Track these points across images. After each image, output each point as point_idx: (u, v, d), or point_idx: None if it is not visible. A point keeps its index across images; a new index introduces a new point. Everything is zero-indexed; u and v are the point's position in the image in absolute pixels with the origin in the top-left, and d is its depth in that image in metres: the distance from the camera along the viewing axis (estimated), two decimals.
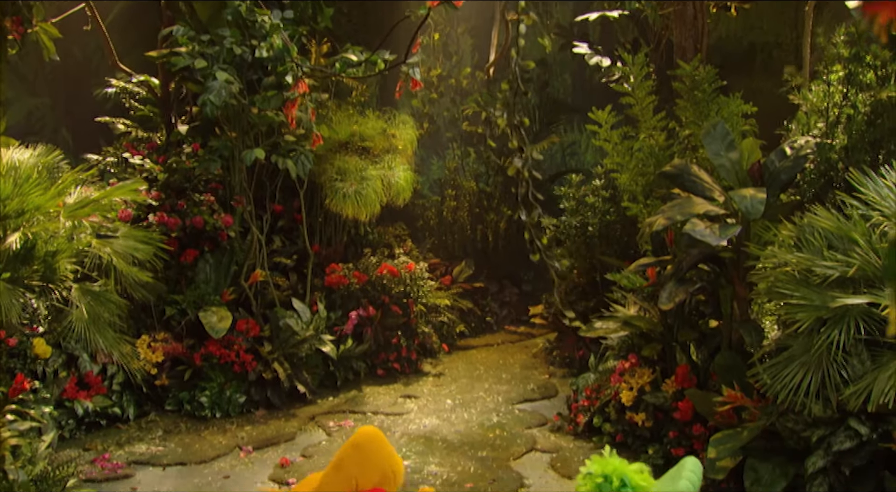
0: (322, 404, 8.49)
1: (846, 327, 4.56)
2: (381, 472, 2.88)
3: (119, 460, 6.79)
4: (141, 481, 6.49)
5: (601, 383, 7.64)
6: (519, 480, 6.59)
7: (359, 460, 2.82)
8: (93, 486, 5.86)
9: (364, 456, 2.84)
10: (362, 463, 2.83)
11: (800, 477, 5.22)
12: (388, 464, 2.94)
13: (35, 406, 5.78)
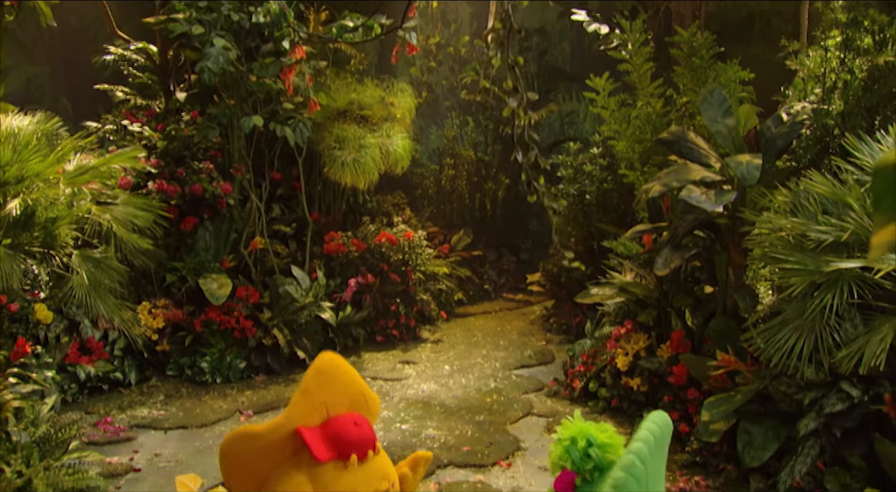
0: None
1: (839, 291, 4.56)
2: (349, 396, 2.81)
3: (121, 424, 6.84)
4: (143, 443, 6.54)
5: (597, 348, 7.68)
6: (515, 443, 6.64)
7: (324, 384, 2.75)
8: (95, 448, 5.90)
9: (329, 380, 2.77)
10: (329, 388, 2.76)
11: (791, 439, 5.25)
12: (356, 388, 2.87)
13: (37, 370, 5.80)
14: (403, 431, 6.86)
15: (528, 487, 5.81)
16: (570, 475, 2.75)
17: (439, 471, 6.10)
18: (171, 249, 8.32)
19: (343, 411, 2.75)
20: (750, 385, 5.54)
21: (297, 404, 2.65)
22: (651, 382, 6.78)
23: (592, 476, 2.68)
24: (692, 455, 6.03)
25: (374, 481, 2.72)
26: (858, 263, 4.38)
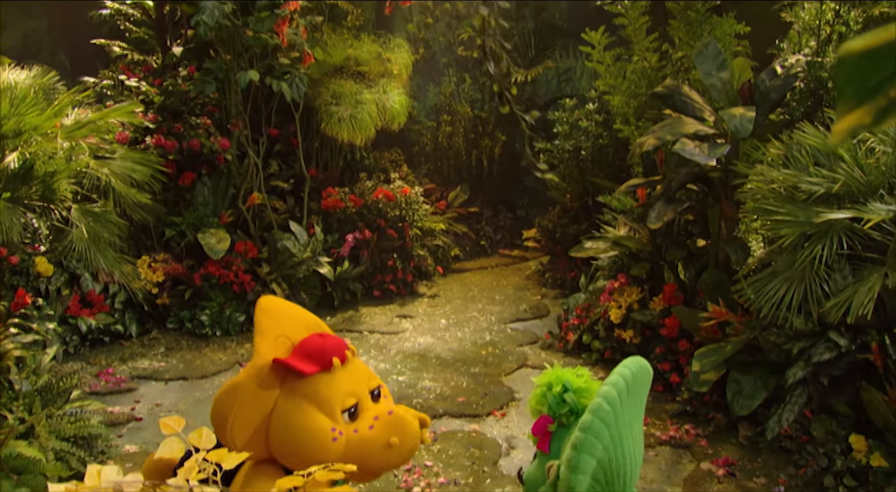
0: None
1: (829, 242, 4.56)
2: (303, 324, 2.84)
3: (122, 375, 6.88)
4: (144, 394, 6.59)
5: (591, 302, 7.70)
6: (510, 394, 6.70)
7: (276, 319, 2.78)
8: (97, 398, 5.95)
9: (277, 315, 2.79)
10: (280, 321, 2.78)
11: (780, 388, 5.30)
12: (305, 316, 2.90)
13: (39, 322, 5.83)
14: (400, 383, 6.92)
15: (522, 436, 5.87)
16: (546, 420, 2.77)
17: (435, 421, 6.16)
18: (169, 204, 8.31)
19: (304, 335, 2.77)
20: (740, 336, 5.58)
21: (260, 343, 2.67)
22: (643, 334, 6.81)
23: (568, 420, 2.69)
24: (682, 405, 6.09)
25: (364, 380, 2.74)
26: (849, 214, 4.38)
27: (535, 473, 2.76)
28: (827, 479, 4.90)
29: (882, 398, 4.74)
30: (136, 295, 7.50)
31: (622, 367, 2.66)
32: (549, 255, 10.38)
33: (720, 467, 5.30)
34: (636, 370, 2.68)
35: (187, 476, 1.70)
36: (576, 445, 2.52)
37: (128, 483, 1.62)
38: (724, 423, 5.81)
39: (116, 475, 1.60)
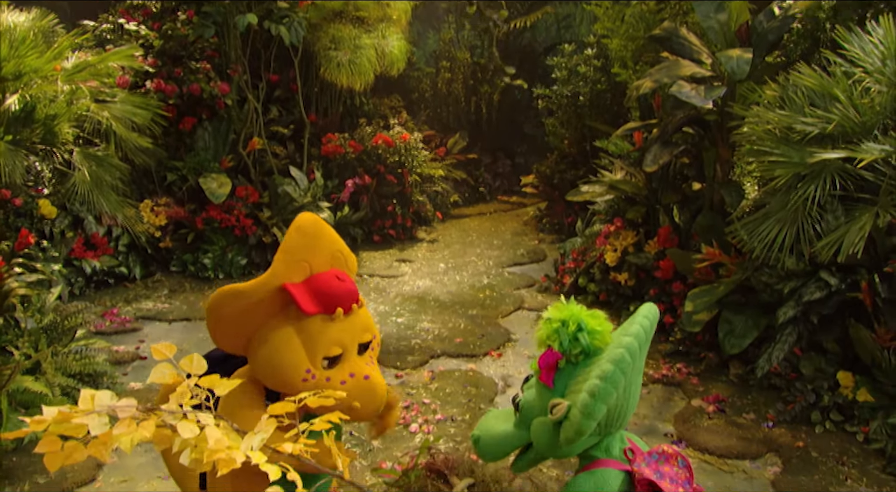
0: None
1: (822, 183, 4.54)
2: (330, 253, 2.82)
3: (127, 316, 6.93)
4: (148, 334, 6.64)
5: (587, 246, 7.72)
6: (506, 335, 6.74)
7: (305, 243, 2.74)
8: (102, 338, 5.99)
9: (310, 239, 2.76)
10: (309, 246, 2.75)
11: (770, 327, 5.33)
12: (335, 245, 2.87)
13: (44, 263, 5.85)
14: (399, 324, 6.96)
15: (518, 375, 5.93)
16: (555, 355, 2.78)
17: (433, 361, 6.22)
18: (170, 149, 8.27)
19: (325, 268, 2.75)
20: (732, 277, 5.60)
21: (280, 261, 2.65)
22: (638, 276, 6.83)
23: (577, 359, 2.70)
24: (675, 345, 6.14)
25: (357, 333, 2.74)
26: (842, 153, 4.35)
27: (534, 402, 2.77)
28: (814, 414, 4.97)
29: (870, 336, 4.77)
30: (140, 238, 7.51)
31: (643, 318, 2.65)
32: (546, 200, 10.36)
33: (710, 403, 5.36)
34: (653, 320, 2.68)
35: (180, 401, 1.72)
36: (594, 393, 2.52)
37: (121, 407, 1.63)
38: (716, 362, 5.86)
39: (110, 400, 1.61)
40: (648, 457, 2.71)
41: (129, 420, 1.60)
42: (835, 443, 4.78)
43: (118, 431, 1.58)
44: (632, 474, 2.70)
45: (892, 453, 4.49)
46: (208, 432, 1.63)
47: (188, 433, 1.62)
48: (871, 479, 4.42)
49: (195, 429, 1.63)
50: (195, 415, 1.67)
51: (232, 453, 1.63)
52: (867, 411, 4.75)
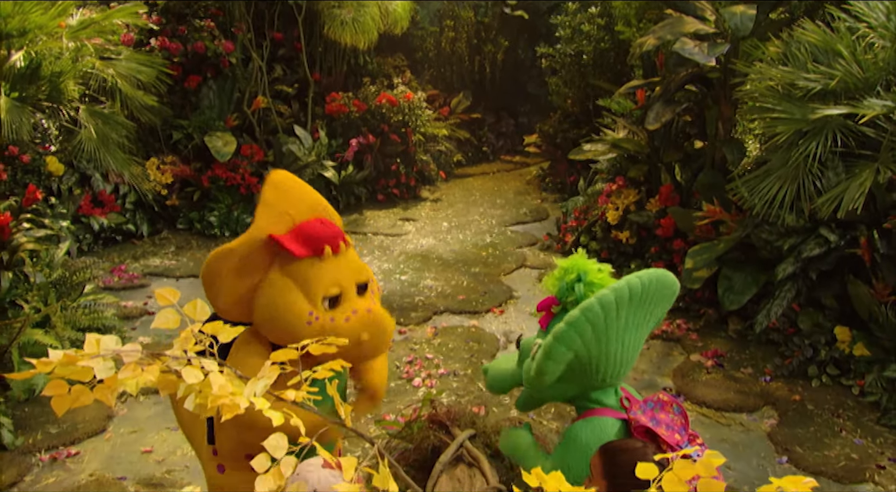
0: None
1: (823, 139, 4.51)
2: (309, 205, 2.82)
3: (135, 272, 6.95)
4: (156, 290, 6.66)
5: (589, 204, 7.70)
6: (508, 292, 6.77)
7: (282, 196, 2.75)
8: (111, 293, 6.02)
9: (286, 191, 2.76)
10: (287, 198, 2.76)
11: (770, 283, 5.34)
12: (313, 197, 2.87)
13: (52, 220, 5.86)
14: (403, 281, 6.98)
15: (519, 330, 5.95)
16: (552, 301, 2.80)
17: (436, 317, 6.25)
18: (176, 108, 8.23)
19: (306, 218, 2.75)
20: (733, 234, 5.59)
21: (262, 215, 2.65)
22: (639, 235, 6.83)
23: (570, 307, 2.70)
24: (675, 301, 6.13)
25: (353, 273, 2.74)
26: (844, 109, 4.32)
27: (532, 344, 2.82)
28: (811, 368, 5.00)
29: (868, 291, 4.78)
30: (146, 196, 7.52)
31: (634, 276, 2.64)
32: (549, 160, 10.32)
33: (709, 358, 5.39)
34: (649, 283, 2.65)
35: (184, 347, 1.73)
36: (556, 335, 2.56)
37: (126, 352, 1.64)
38: (715, 318, 5.89)
39: (115, 344, 1.62)
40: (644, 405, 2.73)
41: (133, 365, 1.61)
42: (830, 396, 4.82)
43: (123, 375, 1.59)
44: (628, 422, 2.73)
45: (886, 405, 4.52)
46: (212, 379, 1.64)
47: (192, 379, 1.63)
48: (865, 430, 4.46)
49: (199, 375, 1.64)
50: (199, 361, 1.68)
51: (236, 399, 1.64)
52: (863, 365, 4.78)
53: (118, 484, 4.01)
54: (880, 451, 4.27)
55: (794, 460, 4.20)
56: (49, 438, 4.38)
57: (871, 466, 4.14)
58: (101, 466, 4.19)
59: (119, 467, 4.16)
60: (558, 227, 8.19)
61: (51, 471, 4.14)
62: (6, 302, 4.59)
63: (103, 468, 4.16)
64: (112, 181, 7.44)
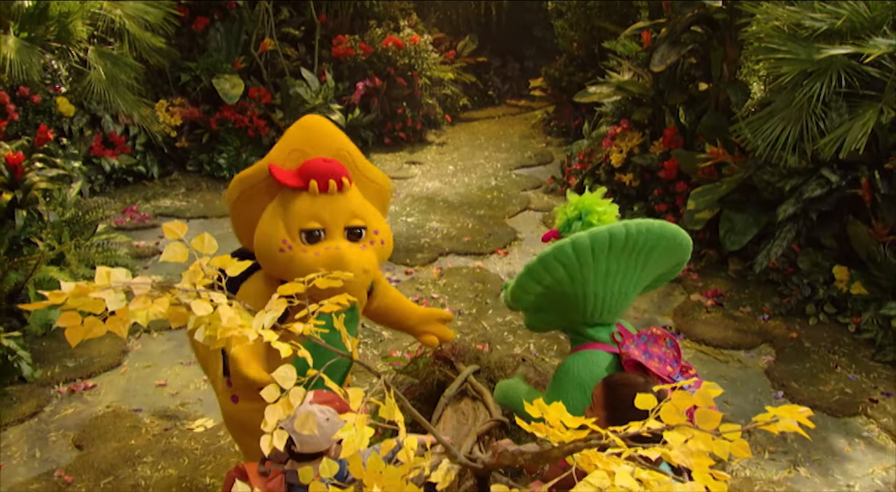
0: None
1: (828, 80, 4.43)
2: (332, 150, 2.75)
3: (146, 213, 6.96)
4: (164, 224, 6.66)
5: (593, 147, 7.64)
6: (513, 234, 6.76)
7: (304, 136, 2.74)
8: (123, 233, 6.03)
9: (309, 132, 2.73)
10: (307, 139, 2.73)
11: (770, 225, 5.32)
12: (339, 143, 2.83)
13: (64, 160, 5.83)
14: (409, 223, 6.97)
15: None
16: (553, 234, 2.80)
17: (441, 258, 6.25)
18: (183, 50, 8.13)
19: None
20: (735, 176, 5.54)
21: (276, 147, 2.73)
22: (643, 177, 6.78)
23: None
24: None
25: (340, 215, 2.74)
26: (849, 49, 4.24)
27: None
28: (809, 307, 5.01)
29: (867, 231, 4.76)
30: (156, 137, 7.47)
31: (622, 223, 2.61)
32: (554, 103, 10.21)
33: (709, 298, 5.41)
34: (637, 233, 2.61)
35: (192, 280, 1.72)
36: (527, 267, 2.58)
37: (136, 284, 1.64)
38: (716, 259, 5.88)
39: (125, 277, 1.62)
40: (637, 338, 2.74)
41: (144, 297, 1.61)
42: (827, 334, 4.84)
43: (134, 306, 1.59)
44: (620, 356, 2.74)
45: (881, 342, 4.55)
46: (221, 311, 1.64)
47: (202, 311, 1.63)
48: (860, 366, 4.49)
49: (209, 307, 1.64)
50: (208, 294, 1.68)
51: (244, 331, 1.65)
52: (860, 304, 4.78)
53: (134, 416, 4.07)
54: (874, 386, 4.31)
55: (790, 394, 4.24)
56: (66, 371, 4.44)
57: (864, 400, 4.17)
58: (117, 398, 4.25)
59: (134, 400, 4.23)
60: (562, 170, 8.14)
61: (69, 402, 4.21)
62: (21, 240, 4.60)
63: (119, 400, 4.23)
64: (122, 123, 7.39)
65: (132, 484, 3.53)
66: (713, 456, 1.47)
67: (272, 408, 1.64)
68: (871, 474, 3.65)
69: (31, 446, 3.85)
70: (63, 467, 3.66)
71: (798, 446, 3.82)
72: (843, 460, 3.75)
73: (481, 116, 11.25)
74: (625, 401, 2.16)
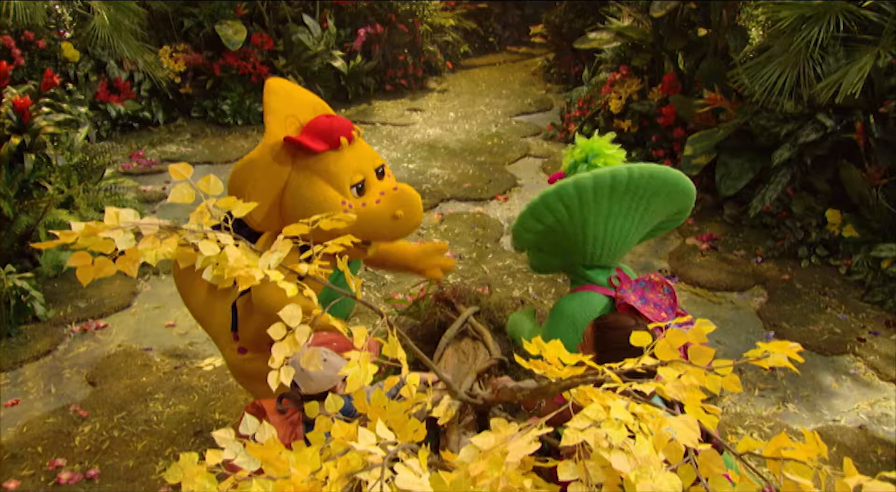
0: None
1: (826, 24, 4.36)
2: (310, 106, 2.79)
3: (152, 158, 6.91)
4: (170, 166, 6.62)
5: (593, 94, 7.56)
6: (512, 180, 6.72)
7: (284, 100, 2.74)
8: (130, 178, 6.00)
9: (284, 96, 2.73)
10: (287, 101, 2.73)
11: (766, 170, 5.29)
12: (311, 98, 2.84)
13: (70, 105, 5.76)
14: (410, 170, 6.93)
15: None
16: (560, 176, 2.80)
17: (442, 204, 6.23)
18: None
19: (311, 117, 2.73)
20: (732, 121, 5.49)
21: (271, 122, 2.64)
22: (641, 123, 6.72)
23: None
24: None
25: (369, 159, 2.75)
26: None
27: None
28: (801, 250, 5.01)
29: (860, 175, 4.73)
30: (161, 83, 7.38)
31: (625, 166, 2.61)
32: (554, 50, 10.07)
33: (704, 242, 5.40)
34: (640, 176, 2.61)
35: (199, 221, 1.71)
36: (529, 205, 2.59)
37: (144, 225, 1.63)
38: (711, 203, 5.86)
39: (134, 217, 1.61)
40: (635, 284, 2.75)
41: (152, 237, 1.61)
42: (818, 276, 4.85)
43: (143, 246, 1.59)
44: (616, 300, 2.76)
45: (871, 283, 4.56)
46: (228, 252, 1.64)
47: (209, 252, 1.63)
48: (849, 307, 4.51)
49: (216, 248, 1.64)
50: (215, 235, 1.68)
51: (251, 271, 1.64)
52: (851, 246, 4.79)
53: (144, 354, 4.11)
54: (862, 325, 4.33)
55: (781, 334, 4.26)
56: (78, 311, 4.47)
57: (852, 339, 4.21)
58: (128, 337, 4.28)
59: (145, 339, 4.26)
60: (562, 117, 8.07)
61: (82, 341, 4.24)
62: (31, 183, 4.59)
63: (130, 340, 4.26)
64: (127, 69, 7.29)
65: (144, 419, 3.59)
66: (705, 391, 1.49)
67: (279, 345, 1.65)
68: (856, 409, 3.70)
69: (46, 383, 3.89)
70: (78, 403, 3.71)
71: (787, 384, 3.86)
72: (830, 395, 3.80)
73: (482, 63, 11.10)
74: (613, 344, 2.18)
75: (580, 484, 1.28)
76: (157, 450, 3.39)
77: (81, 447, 3.41)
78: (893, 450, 3.42)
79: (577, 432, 1.30)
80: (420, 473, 1.42)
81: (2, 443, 3.45)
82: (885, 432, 3.54)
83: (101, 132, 7.06)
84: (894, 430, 3.56)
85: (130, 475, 3.25)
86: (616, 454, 1.29)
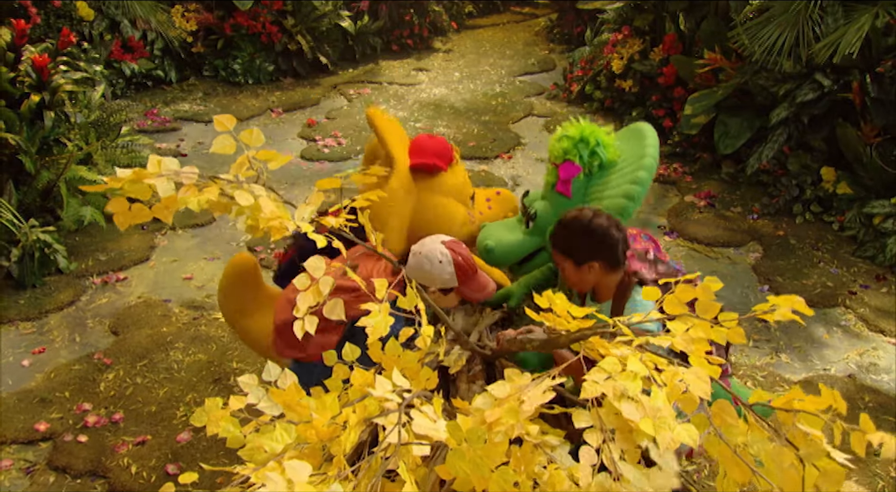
0: (342, 74, 8.37)
1: None
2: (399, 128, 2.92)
3: (167, 116, 6.85)
4: (187, 133, 6.59)
5: (595, 54, 7.45)
6: (516, 139, 6.66)
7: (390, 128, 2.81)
8: (145, 135, 5.95)
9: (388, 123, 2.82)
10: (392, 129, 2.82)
11: (763, 129, 5.24)
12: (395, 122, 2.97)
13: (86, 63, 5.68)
14: (417, 129, 6.87)
15: (526, 174, 5.91)
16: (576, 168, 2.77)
17: None
18: None
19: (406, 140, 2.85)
20: (731, 81, 5.42)
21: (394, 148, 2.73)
22: (642, 83, 6.63)
23: (593, 171, 2.78)
24: (672, 147, 6.05)
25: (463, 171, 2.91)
26: None
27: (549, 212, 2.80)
28: (796, 206, 4.99)
29: (855, 133, 4.68)
30: (173, 43, 7.28)
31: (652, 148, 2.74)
32: (557, 10, 9.90)
33: (702, 199, 5.37)
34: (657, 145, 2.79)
35: (237, 172, 1.70)
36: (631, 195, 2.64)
37: (186, 174, 1.62)
38: (710, 162, 5.82)
39: (176, 166, 1.61)
40: None
41: (192, 185, 1.61)
42: (812, 232, 4.83)
43: (183, 194, 1.59)
44: None
45: (863, 238, 4.55)
46: (262, 203, 1.64)
47: (244, 202, 1.63)
48: (841, 261, 4.51)
49: (251, 198, 1.63)
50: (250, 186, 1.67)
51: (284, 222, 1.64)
52: (844, 203, 4.76)
53: (164, 305, 4.12)
54: (853, 279, 4.33)
55: (775, 288, 4.27)
56: (99, 264, 4.47)
57: (843, 292, 4.21)
58: (147, 289, 4.29)
59: (164, 291, 4.27)
60: (564, 77, 7.96)
61: (103, 293, 4.25)
62: (51, 140, 4.55)
63: (150, 292, 4.27)
64: (140, 28, 7.17)
65: (165, 367, 3.61)
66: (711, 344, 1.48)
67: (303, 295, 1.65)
68: (846, 359, 3.72)
69: (70, 332, 3.91)
70: (101, 351, 3.73)
71: (780, 335, 3.87)
72: (821, 346, 3.81)
73: (486, 24, 10.91)
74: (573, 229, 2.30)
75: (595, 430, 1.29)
76: (177, 396, 3.42)
77: (106, 393, 3.45)
78: (881, 397, 3.44)
79: (595, 384, 1.31)
80: (435, 418, 1.43)
81: (31, 388, 3.49)
82: (873, 381, 3.56)
83: (116, 90, 6.98)
84: (882, 378, 3.58)
85: (153, 420, 3.28)
86: (626, 403, 1.29)
